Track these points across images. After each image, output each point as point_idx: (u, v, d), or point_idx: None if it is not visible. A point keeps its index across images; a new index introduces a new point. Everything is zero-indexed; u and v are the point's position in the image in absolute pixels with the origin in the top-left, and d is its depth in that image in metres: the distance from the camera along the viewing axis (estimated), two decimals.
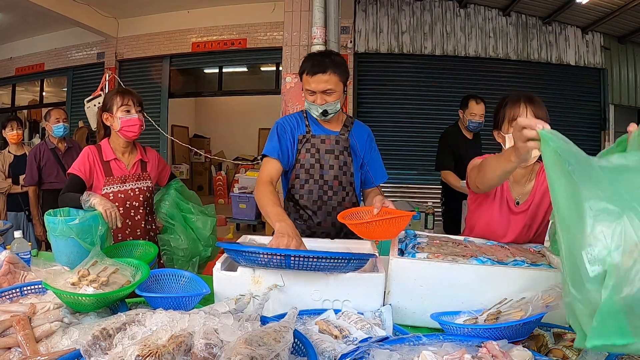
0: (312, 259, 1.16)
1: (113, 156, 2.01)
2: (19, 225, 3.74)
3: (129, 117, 1.96)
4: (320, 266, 1.19)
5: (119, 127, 1.96)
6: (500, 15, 6.20)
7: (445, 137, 3.45)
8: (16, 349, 0.99)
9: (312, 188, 1.89)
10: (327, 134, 1.89)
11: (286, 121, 1.91)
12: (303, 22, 4.00)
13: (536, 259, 1.41)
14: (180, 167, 8.97)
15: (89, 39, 7.28)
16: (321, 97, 1.76)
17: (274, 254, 1.19)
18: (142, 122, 2.01)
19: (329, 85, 1.74)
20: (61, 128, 3.56)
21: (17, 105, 8.75)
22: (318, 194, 1.89)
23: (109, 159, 2.00)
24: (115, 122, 1.97)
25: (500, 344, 0.91)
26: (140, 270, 1.30)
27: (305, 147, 1.87)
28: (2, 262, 1.38)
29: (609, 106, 6.33)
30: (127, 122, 1.96)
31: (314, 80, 1.74)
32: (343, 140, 1.89)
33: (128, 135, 1.98)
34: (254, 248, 1.23)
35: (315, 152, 1.87)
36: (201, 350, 0.83)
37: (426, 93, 6.18)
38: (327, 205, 1.90)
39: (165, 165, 2.25)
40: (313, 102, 1.78)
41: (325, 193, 1.90)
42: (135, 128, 1.97)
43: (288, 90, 3.92)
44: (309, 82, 1.76)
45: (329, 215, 1.90)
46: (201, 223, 2.06)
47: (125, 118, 1.96)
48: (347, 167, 1.89)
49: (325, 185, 1.89)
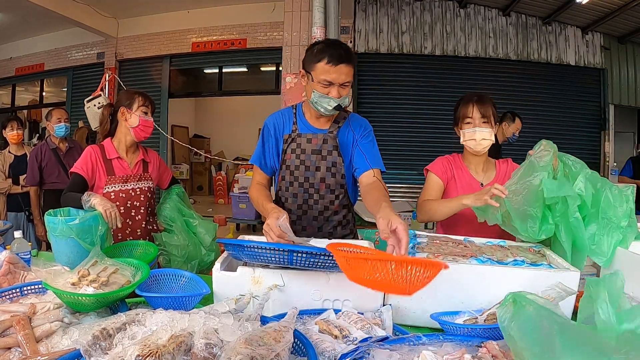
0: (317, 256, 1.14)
1: (116, 155, 2.02)
2: (19, 226, 3.74)
3: (147, 118, 2.03)
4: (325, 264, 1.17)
5: (137, 124, 2.01)
6: (500, 15, 6.20)
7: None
8: (16, 349, 0.99)
9: (296, 191, 1.78)
10: (314, 133, 1.76)
11: (272, 120, 1.83)
12: (303, 22, 4.00)
13: (536, 259, 1.41)
14: (180, 167, 8.97)
15: (89, 39, 7.28)
16: (338, 89, 1.61)
17: (276, 249, 1.17)
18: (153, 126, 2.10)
19: (349, 77, 1.62)
20: (63, 128, 3.56)
21: (17, 105, 8.74)
22: (303, 197, 1.78)
23: (111, 157, 2.01)
24: (134, 118, 2.01)
25: (500, 344, 0.91)
26: (140, 270, 1.30)
27: (291, 147, 1.76)
28: (2, 262, 1.38)
29: (608, 106, 6.33)
30: (145, 122, 2.03)
31: (336, 70, 1.57)
32: (331, 138, 1.74)
33: (140, 135, 2.04)
34: (256, 242, 1.22)
35: (300, 152, 1.75)
36: (201, 350, 0.83)
37: (426, 93, 6.18)
38: (313, 209, 1.79)
39: (166, 169, 2.26)
40: (327, 94, 1.61)
41: (311, 197, 1.78)
42: (150, 130, 2.05)
43: (288, 90, 3.92)
44: (328, 72, 1.58)
45: (315, 219, 1.80)
46: (203, 228, 2.04)
47: (144, 118, 2.03)
48: (336, 167, 1.75)
49: (312, 188, 1.77)
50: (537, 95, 6.14)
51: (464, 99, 1.86)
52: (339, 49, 1.61)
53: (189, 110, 9.99)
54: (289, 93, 3.92)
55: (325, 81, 1.60)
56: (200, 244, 2.01)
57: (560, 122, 6.08)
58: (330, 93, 1.61)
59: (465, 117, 1.82)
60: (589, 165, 1.51)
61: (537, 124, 5.69)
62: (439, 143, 6.16)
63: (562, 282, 1.21)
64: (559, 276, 1.26)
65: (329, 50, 1.59)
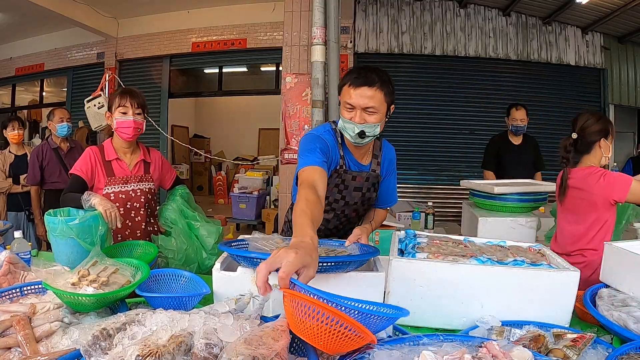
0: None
1: (115, 156, 2.01)
2: (19, 225, 3.74)
3: (124, 119, 1.97)
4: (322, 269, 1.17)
5: (115, 128, 1.99)
6: (500, 15, 6.19)
7: (490, 142, 3.89)
8: (16, 349, 0.99)
9: (329, 218, 1.80)
10: (360, 171, 1.73)
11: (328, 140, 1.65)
12: (303, 22, 4.00)
13: (536, 259, 1.41)
14: (180, 167, 8.97)
15: (89, 39, 7.27)
16: (361, 115, 1.55)
17: None
18: (138, 124, 2.00)
19: (372, 102, 1.53)
20: (65, 127, 3.57)
21: (17, 105, 8.74)
22: (334, 223, 1.83)
23: (110, 158, 2.00)
24: (112, 122, 1.99)
25: (500, 344, 0.91)
26: (140, 270, 1.30)
27: (335, 181, 1.71)
28: (2, 262, 1.38)
29: (609, 106, 6.32)
30: (122, 123, 1.97)
31: (357, 93, 1.53)
32: (373, 177, 1.75)
33: (123, 137, 2.00)
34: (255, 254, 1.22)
35: (343, 188, 1.73)
36: (201, 350, 0.83)
37: (426, 93, 6.18)
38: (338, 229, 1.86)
39: (170, 169, 2.23)
40: (350, 119, 1.56)
41: (341, 223, 1.84)
42: (129, 130, 1.98)
43: (288, 91, 3.91)
44: (350, 95, 1.54)
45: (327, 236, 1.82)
46: (206, 231, 1.97)
47: (121, 120, 1.97)
48: (370, 201, 1.81)
49: (344, 217, 1.82)
50: (537, 95, 6.13)
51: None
52: (365, 71, 1.56)
53: (189, 110, 9.99)
54: (289, 93, 3.91)
55: (347, 104, 1.56)
56: (201, 248, 1.95)
57: (560, 122, 6.07)
58: (353, 118, 1.56)
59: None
60: None
61: (537, 124, 5.68)
62: (439, 143, 6.17)
63: (562, 282, 1.21)
64: (559, 276, 1.26)
65: (354, 73, 1.57)
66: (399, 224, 3.27)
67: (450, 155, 6.13)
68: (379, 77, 1.54)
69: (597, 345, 1.09)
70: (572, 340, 1.08)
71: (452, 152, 6.13)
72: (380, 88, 1.53)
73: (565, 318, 1.25)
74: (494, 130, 4.56)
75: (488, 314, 1.23)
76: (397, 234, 1.65)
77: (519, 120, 3.62)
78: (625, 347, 1.03)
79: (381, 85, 1.54)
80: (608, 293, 1.32)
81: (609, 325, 1.17)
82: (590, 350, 1.07)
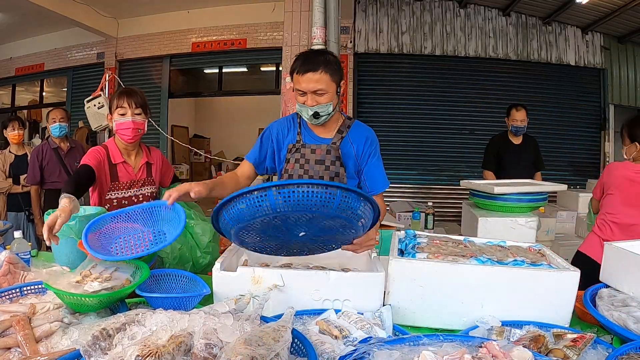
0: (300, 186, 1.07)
1: (121, 159, 1.98)
2: (19, 225, 3.74)
3: (122, 120, 1.93)
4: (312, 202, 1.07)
5: (115, 130, 1.96)
6: (500, 15, 6.19)
7: (490, 142, 3.88)
8: (16, 349, 0.99)
9: None
10: (318, 143, 1.78)
11: (276, 127, 1.85)
12: (303, 22, 4.00)
13: (536, 259, 1.41)
14: (180, 167, 8.96)
15: (89, 39, 7.27)
16: (312, 97, 1.66)
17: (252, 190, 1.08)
18: (138, 124, 1.95)
19: (319, 85, 1.64)
20: (57, 128, 3.56)
21: (17, 105, 8.73)
22: None
23: (117, 162, 1.97)
24: (114, 123, 1.96)
25: (500, 344, 0.90)
26: (140, 270, 1.30)
27: (295, 157, 1.78)
28: (2, 262, 1.38)
29: (608, 106, 6.32)
30: (121, 125, 1.93)
31: (304, 79, 1.64)
32: (334, 149, 1.77)
33: (124, 139, 1.96)
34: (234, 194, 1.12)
35: (304, 162, 1.77)
36: (201, 350, 0.83)
37: (426, 93, 6.18)
38: None
39: (169, 167, 2.22)
40: (303, 103, 1.68)
41: None
42: (129, 132, 1.94)
43: (288, 91, 3.91)
44: (299, 82, 1.67)
45: None
46: (200, 229, 1.93)
47: (120, 121, 1.93)
48: (338, 178, 1.77)
49: None
50: (537, 95, 6.13)
51: None
52: (309, 57, 1.67)
53: (189, 110, 9.99)
54: (289, 93, 3.91)
55: (298, 91, 1.68)
56: (196, 246, 1.92)
57: (560, 122, 6.07)
58: (305, 102, 1.67)
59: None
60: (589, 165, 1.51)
61: (537, 124, 5.68)
62: (439, 143, 6.16)
63: (562, 282, 1.21)
64: (559, 276, 1.26)
65: (299, 61, 1.68)
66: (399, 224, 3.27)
67: (450, 155, 6.13)
68: (322, 59, 1.65)
69: (597, 346, 1.09)
70: (572, 340, 1.08)
71: (452, 152, 6.13)
72: (325, 70, 1.63)
73: (565, 318, 1.25)
74: (494, 130, 4.55)
75: (488, 314, 1.23)
76: (397, 234, 1.65)
77: (519, 121, 3.62)
78: (625, 347, 1.03)
79: (325, 67, 1.64)
80: (608, 293, 1.32)
81: (609, 325, 1.17)
82: (590, 351, 1.07)
